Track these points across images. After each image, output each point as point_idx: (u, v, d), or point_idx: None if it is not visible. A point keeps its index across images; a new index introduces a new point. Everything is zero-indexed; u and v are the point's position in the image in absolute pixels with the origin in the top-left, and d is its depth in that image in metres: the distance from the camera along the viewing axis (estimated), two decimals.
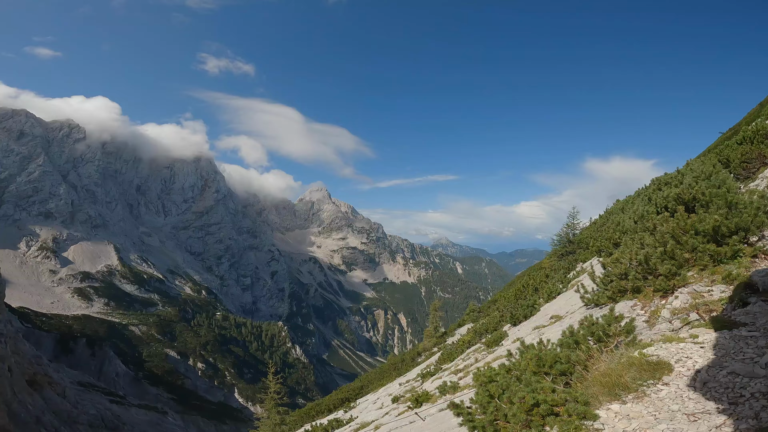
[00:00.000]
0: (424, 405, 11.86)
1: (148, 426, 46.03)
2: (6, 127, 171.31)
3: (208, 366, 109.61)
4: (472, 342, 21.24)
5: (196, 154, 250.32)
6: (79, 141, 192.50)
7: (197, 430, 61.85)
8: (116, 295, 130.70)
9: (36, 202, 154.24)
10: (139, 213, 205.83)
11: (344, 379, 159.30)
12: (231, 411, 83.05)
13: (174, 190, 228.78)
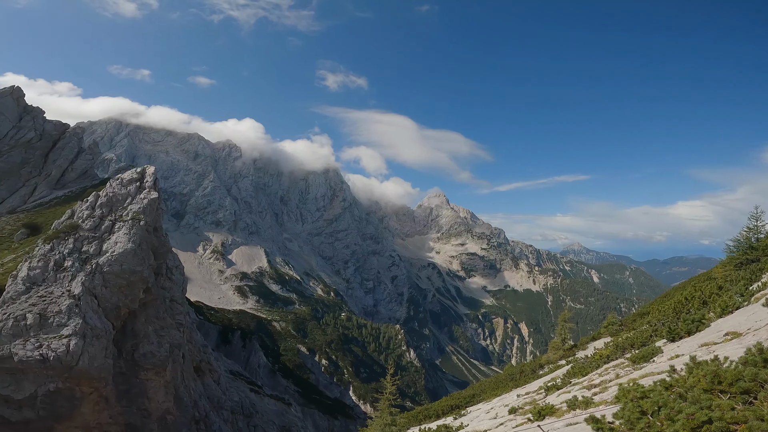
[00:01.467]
0: (548, 419, 11.10)
1: (274, 415, 55.75)
2: (185, 150, 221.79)
3: (330, 363, 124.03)
4: (612, 357, 19.68)
5: (325, 166, 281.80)
6: (237, 159, 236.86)
7: (312, 422, 69.26)
8: (265, 293, 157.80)
9: (209, 213, 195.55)
10: (282, 221, 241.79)
11: (455, 386, 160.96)
12: (344, 408, 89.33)
13: (309, 200, 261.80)
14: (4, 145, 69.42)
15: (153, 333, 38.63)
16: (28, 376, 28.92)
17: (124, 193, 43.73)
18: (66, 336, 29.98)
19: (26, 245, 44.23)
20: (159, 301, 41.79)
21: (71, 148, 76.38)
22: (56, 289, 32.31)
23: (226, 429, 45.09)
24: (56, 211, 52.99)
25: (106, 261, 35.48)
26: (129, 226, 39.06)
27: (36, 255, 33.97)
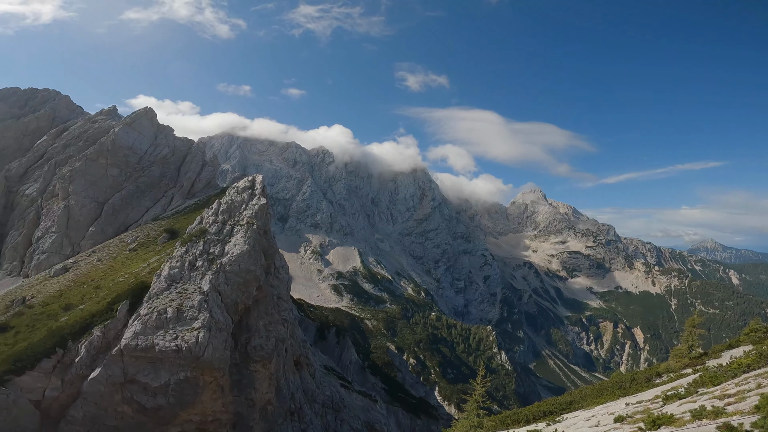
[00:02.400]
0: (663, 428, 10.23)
1: (360, 411, 58.26)
2: (285, 158, 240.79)
3: (418, 362, 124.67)
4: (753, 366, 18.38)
5: (412, 167, 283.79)
6: (330, 164, 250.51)
7: (395, 420, 70.23)
8: (358, 292, 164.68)
9: (308, 216, 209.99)
10: (374, 222, 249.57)
11: (549, 391, 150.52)
12: (428, 407, 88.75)
13: (398, 200, 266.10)
14: (146, 161, 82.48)
15: (263, 327, 41.79)
16: (165, 365, 32.56)
17: (239, 200, 49.00)
18: (196, 328, 34.02)
19: (167, 248, 52.00)
20: (268, 298, 45.68)
21: (197, 162, 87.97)
22: (190, 286, 37.31)
23: (316, 422, 46.65)
24: (189, 217, 61.37)
25: (227, 261, 40.07)
26: (245, 230, 43.59)
27: (175, 256, 39.68)
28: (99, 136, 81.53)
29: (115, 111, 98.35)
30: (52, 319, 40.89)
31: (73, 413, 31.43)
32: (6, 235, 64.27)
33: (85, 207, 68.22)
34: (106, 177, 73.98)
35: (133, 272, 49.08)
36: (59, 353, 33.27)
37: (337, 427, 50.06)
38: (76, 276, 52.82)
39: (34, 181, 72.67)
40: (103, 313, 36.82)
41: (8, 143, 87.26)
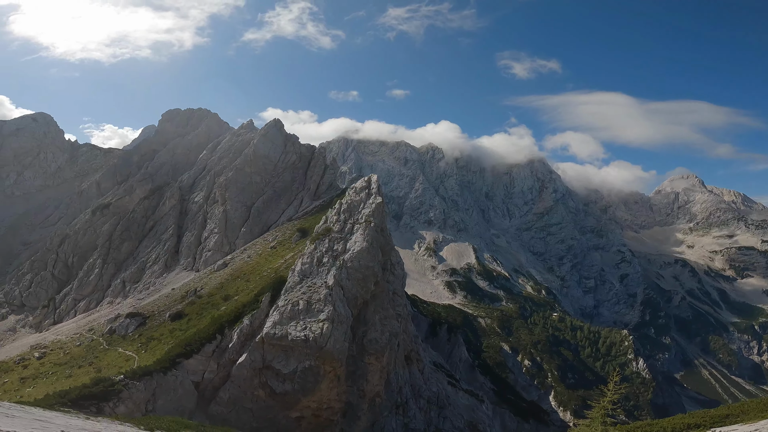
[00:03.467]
0: None
1: (465, 410, 56.56)
2: (396, 157, 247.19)
3: (533, 364, 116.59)
4: None
5: (528, 158, 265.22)
6: (440, 160, 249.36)
7: (501, 422, 67.30)
8: (472, 289, 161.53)
9: (421, 213, 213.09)
10: (489, 217, 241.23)
11: (697, 404, 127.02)
12: (539, 412, 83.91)
13: (515, 194, 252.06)
14: (279, 168, 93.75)
15: (378, 322, 43.73)
16: (294, 353, 35.58)
17: (358, 200, 52.51)
18: (322, 320, 37.03)
19: (300, 245, 58.61)
20: (384, 294, 47.84)
21: (320, 166, 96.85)
22: (318, 281, 41.41)
23: (419, 416, 46.84)
24: (316, 217, 68.14)
25: (348, 257, 43.42)
26: (363, 228, 46.59)
27: (305, 253, 44.51)
28: (243, 147, 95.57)
29: (252, 124, 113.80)
30: (215, 308, 49.18)
31: (221, 395, 35.17)
32: (182, 236, 79.92)
33: (238, 211, 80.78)
34: (251, 183, 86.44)
35: (274, 267, 56.46)
36: (218, 339, 38.49)
37: (439, 424, 49.79)
38: (232, 270, 63.03)
39: (200, 189, 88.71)
40: (251, 303, 42.16)
41: (179, 159, 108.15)
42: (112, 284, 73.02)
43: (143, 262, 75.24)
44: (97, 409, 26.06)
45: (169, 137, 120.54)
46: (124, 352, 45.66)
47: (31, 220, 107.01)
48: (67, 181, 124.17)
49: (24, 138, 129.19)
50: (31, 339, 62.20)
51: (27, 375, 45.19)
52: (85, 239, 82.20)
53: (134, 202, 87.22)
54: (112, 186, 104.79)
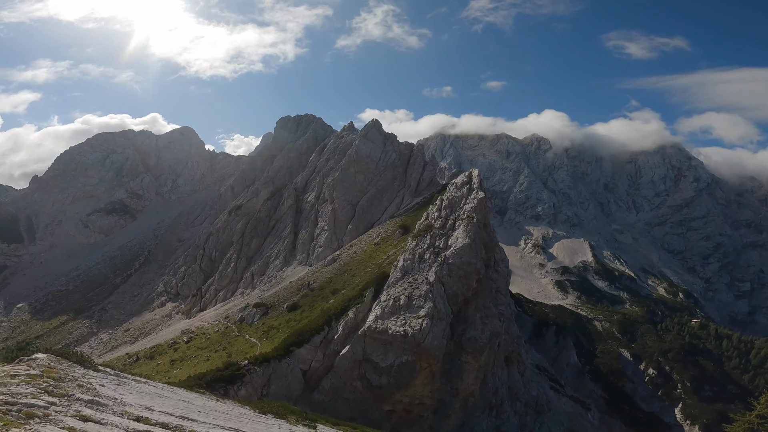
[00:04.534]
0: None
1: (566, 416, 51.92)
2: (497, 150, 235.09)
3: (659, 374, 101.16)
4: None
5: (658, 144, 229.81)
6: (547, 151, 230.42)
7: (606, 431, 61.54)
8: (587, 289, 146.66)
9: (528, 207, 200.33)
10: (609, 211, 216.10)
11: None
12: (658, 424, 74.66)
13: (642, 185, 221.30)
14: (380, 167, 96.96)
15: (479, 320, 42.83)
16: (393, 347, 36.34)
17: (459, 196, 51.70)
18: (421, 316, 37.40)
19: (402, 242, 60.03)
20: (487, 291, 46.35)
21: (419, 163, 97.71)
22: (419, 277, 41.93)
23: (513, 420, 44.81)
24: (417, 214, 69.03)
25: (450, 254, 43.06)
26: (465, 224, 45.71)
27: (407, 249, 45.42)
28: (346, 149, 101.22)
29: (352, 126, 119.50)
30: (324, 301, 52.71)
31: (324, 384, 37.15)
32: (298, 233, 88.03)
33: (345, 209, 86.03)
34: (355, 183, 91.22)
35: (377, 263, 58.70)
36: (326, 330, 40.98)
37: (534, 429, 46.79)
38: (340, 266, 67.29)
39: (311, 190, 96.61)
40: (356, 297, 44.17)
41: (292, 162, 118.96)
42: (243, 277, 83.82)
43: (267, 257, 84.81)
44: (224, 391, 29.46)
45: (284, 142, 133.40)
46: (250, 339, 51.01)
47: (184, 220, 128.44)
48: (210, 186, 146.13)
49: (175, 150, 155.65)
50: (182, 324, 74.33)
51: (176, 357, 53.28)
52: (224, 237, 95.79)
53: (259, 203, 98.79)
54: (242, 189, 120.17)
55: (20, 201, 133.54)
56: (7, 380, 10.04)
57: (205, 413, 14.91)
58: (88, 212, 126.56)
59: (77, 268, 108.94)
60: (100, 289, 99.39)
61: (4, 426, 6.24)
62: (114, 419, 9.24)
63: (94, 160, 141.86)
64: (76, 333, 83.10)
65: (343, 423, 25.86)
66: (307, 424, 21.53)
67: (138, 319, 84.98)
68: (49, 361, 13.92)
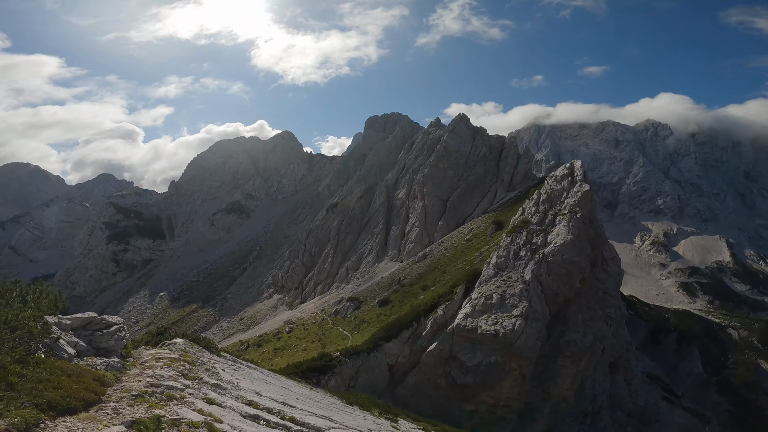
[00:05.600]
0: None
1: (678, 429, 45.46)
2: (603, 138, 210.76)
3: None
4: None
5: None
6: (667, 137, 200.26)
7: None
8: (722, 293, 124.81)
9: (645, 200, 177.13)
10: (752, 203, 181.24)
11: None
12: None
13: None
14: (470, 161, 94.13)
15: (581, 322, 39.62)
16: (482, 347, 35.13)
17: (559, 189, 47.83)
18: (515, 316, 35.57)
19: (495, 238, 57.67)
20: (592, 292, 42.39)
21: (512, 156, 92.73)
22: (513, 275, 39.79)
23: (610, 429, 40.61)
24: (511, 209, 65.70)
25: (550, 251, 40.06)
26: (567, 219, 42.16)
27: (501, 246, 43.44)
28: (434, 145, 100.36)
29: (439, 122, 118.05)
30: (414, 297, 53.05)
31: (408, 379, 37.21)
32: (390, 229, 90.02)
33: (435, 205, 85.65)
34: (445, 179, 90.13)
35: (469, 260, 57.25)
36: (414, 326, 41.09)
37: None
38: (431, 262, 67.17)
39: (402, 187, 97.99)
40: (446, 294, 43.54)
41: (382, 160, 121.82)
42: (339, 271, 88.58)
43: (361, 252, 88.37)
44: (316, 381, 31.14)
45: (373, 141, 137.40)
46: (343, 332, 53.41)
47: (289, 218, 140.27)
48: (309, 186, 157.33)
49: (278, 153, 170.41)
50: (285, 315, 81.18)
51: (279, 346, 57.98)
52: (322, 233, 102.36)
53: (353, 201, 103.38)
54: (337, 188, 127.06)
55: (162, 203, 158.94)
56: (153, 363, 12.09)
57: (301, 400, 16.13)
58: (213, 212, 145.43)
59: (205, 261, 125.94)
60: (222, 281, 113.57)
61: (150, 407, 7.27)
62: (231, 403, 10.36)
63: (215, 166, 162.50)
64: (203, 320, 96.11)
65: (423, 419, 25.76)
66: (389, 417, 21.76)
67: (250, 309, 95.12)
68: (184, 345, 16.30)
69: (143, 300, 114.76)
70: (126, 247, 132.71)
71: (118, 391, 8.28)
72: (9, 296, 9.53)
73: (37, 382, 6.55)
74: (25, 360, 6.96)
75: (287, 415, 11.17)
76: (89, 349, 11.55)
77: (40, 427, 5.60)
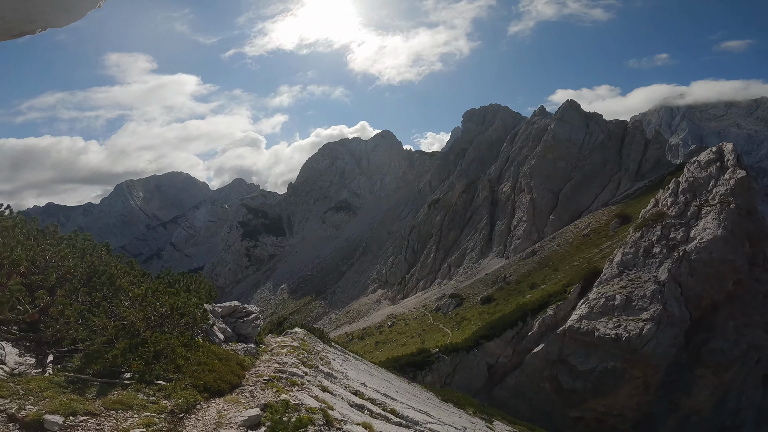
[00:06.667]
0: None
1: None
2: (759, 117, 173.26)
3: None
4: None
5: None
6: None
7: None
8: None
9: None
10: None
11: None
12: None
13: None
14: (585, 150, 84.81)
15: (732, 329, 34.24)
16: (597, 351, 32.19)
17: (704, 176, 40.38)
18: (643, 320, 31.46)
19: (619, 233, 51.20)
20: (749, 295, 35.79)
21: (637, 142, 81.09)
22: (644, 274, 34.73)
23: None
24: (641, 201, 57.66)
25: (693, 248, 34.08)
26: (717, 211, 35.46)
27: (628, 242, 38.28)
28: (540, 134, 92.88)
29: (544, 110, 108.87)
30: (521, 295, 50.07)
31: (508, 380, 35.97)
32: (494, 225, 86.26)
33: (545, 198, 79.53)
34: (556, 170, 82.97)
35: (587, 257, 51.84)
36: (519, 326, 39.49)
37: None
38: (540, 259, 62.53)
39: (506, 180, 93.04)
40: (558, 294, 40.82)
41: (484, 153, 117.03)
42: (441, 267, 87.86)
43: (464, 248, 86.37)
44: (413, 375, 31.55)
45: (473, 135, 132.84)
46: (443, 329, 53.12)
47: (392, 215, 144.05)
48: (410, 183, 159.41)
49: (379, 152, 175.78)
50: (388, 310, 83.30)
51: (380, 340, 59.88)
52: (425, 229, 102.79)
53: (455, 196, 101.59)
54: (439, 184, 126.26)
55: (282, 203, 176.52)
56: (279, 350, 13.27)
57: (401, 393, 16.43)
58: (324, 210, 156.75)
59: (318, 257, 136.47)
60: (332, 275, 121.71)
61: (277, 392, 7.98)
62: (341, 391, 10.97)
63: (324, 167, 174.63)
64: (315, 311, 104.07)
65: (520, 422, 25.04)
66: (484, 417, 21.41)
67: (356, 302, 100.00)
68: (303, 335, 17.85)
69: (268, 291, 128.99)
70: (255, 243, 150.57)
71: (253, 376, 9.20)
72: (177, 285, 11.12)
73: (197, 365, 7.42)
74: (189, 344, 7.93)
75: (388, 407, 11.43)
76: (233, 335, 13.12)
77: (196, 408, 6.27)
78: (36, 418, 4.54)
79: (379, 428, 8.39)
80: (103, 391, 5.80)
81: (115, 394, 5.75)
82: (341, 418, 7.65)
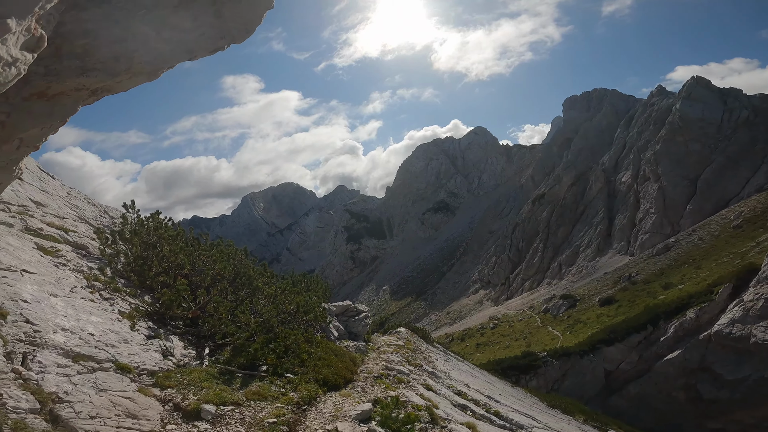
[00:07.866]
0: None
1: None
2: None
3: None
4: None
5: None
6: None
7: None
8: None
9: None
10: None
11: None
12: None
13: None
14: (725, 129, 71.34)
15: None
16: (753, 359, 28.06)
17: None
18: None
19: None
20: None
21: None
22: None
23: None
24: None
25: None
26: None
27: None
28: (662, 116, 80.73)
29: (663, 90, 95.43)
30: (651, 297, 44.18)
31: (630, 388, 32.60)
32: (613, 218, 77.39)
33: (678, 186, 69.12)
34: (689, 153, 71.51)
35: (739, 252, 43.94)
36: (648, 330, 35.16)
37: None
38: (676, 255, 54.35)
39: (625, 169, 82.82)
40: (701, 295, 35.58)
41: (592, 142, 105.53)
42: (550, 267, 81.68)
43: (576, 246, 79.12)
44: (516, 379, 30.06)
45: (577, 123, 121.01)
46: (552, 332, 49.64)
47: (492, 213, 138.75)
48: (510, 179, 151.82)
49: (475, 150, 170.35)
50: (490, 311, 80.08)
51: (481, 341, 57.99)
52: (529, 226, 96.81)
53: (563, 189, 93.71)
54: (542, 178, 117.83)
55: (381, 207, 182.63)
56: (385, 348, 14.04)
57: (504, 396, 15.90)
58: (422, 211, 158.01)
59: (418, 258, 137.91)
60: (432, 276, 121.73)
61: (386, 388, 8.44)
62: (444, 391, 11.15)
63: (419, 169, 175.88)
64: (416, 312, 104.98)
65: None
66: (597, 426, 20.08)
67: (456, 303, 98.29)
68: (407, 334, 18.50)
69: (371, 292, 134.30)
70: (359, 247, 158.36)
71: (364, 372, 9.78)
72: (299, 286, 12.42)
73: (318, 359, 8.15)
74: (311, 340, 8.75)
75: (492, 409, 11.37)
76: (345, 332, 14.11)
77: (316, 401, 6.89)
78: (195, 408, 5.40)
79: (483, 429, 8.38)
80: (245, 382, 6.65)
81: (254, 386, 6.54)
82: (445, 416, 7.77)
